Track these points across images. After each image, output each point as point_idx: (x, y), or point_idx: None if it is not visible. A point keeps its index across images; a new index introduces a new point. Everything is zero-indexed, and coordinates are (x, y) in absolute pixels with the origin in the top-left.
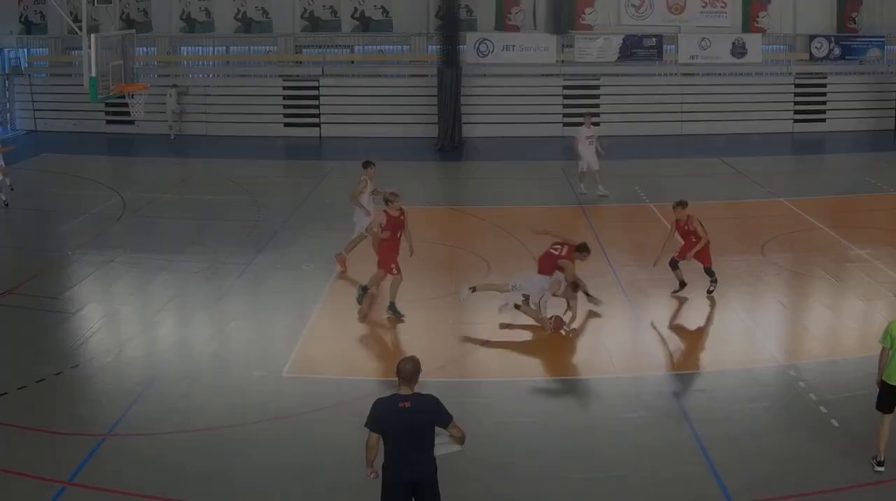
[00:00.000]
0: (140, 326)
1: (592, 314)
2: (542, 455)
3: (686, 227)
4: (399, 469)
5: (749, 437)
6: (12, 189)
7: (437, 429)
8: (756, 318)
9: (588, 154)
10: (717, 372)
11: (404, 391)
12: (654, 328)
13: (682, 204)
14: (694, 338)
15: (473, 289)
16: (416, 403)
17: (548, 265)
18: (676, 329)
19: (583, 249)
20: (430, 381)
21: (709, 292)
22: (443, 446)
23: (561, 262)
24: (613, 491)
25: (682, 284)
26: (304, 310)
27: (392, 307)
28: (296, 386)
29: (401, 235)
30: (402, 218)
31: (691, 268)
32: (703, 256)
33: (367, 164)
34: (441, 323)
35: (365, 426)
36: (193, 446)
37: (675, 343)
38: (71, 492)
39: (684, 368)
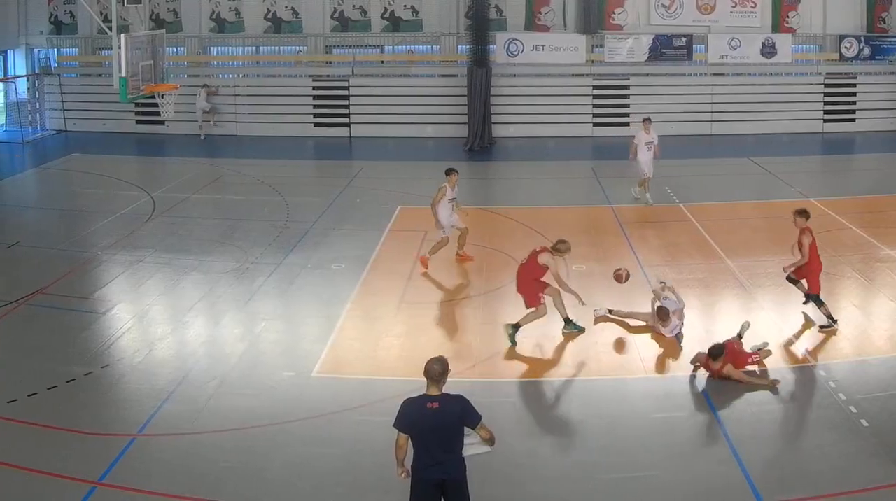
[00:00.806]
0: (170, 326)
1: (624, 315)
2: (572, 454)
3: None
4: (428, 469)
5: (779, 437)
6: None
7: (466, 430)
8: (786, 318)
9: (645, 160)
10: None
11: (432, 392)
12: (684, 328)
13: (800, 212)
14: (722, 337)
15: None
16: (445, 404)
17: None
18: (705, 328)
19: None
20: (459, 381)
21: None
22: (472, 446)
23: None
24: (643, 491)
25: (832, 317)
26: (333, 311)
27: (567, 321)
28: (325, 386)
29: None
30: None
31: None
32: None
33: (449, 171)
34: (470, 323)
35: (393, 426)
36: (223, 446)
37: (704, 342)
38: (101, 492)
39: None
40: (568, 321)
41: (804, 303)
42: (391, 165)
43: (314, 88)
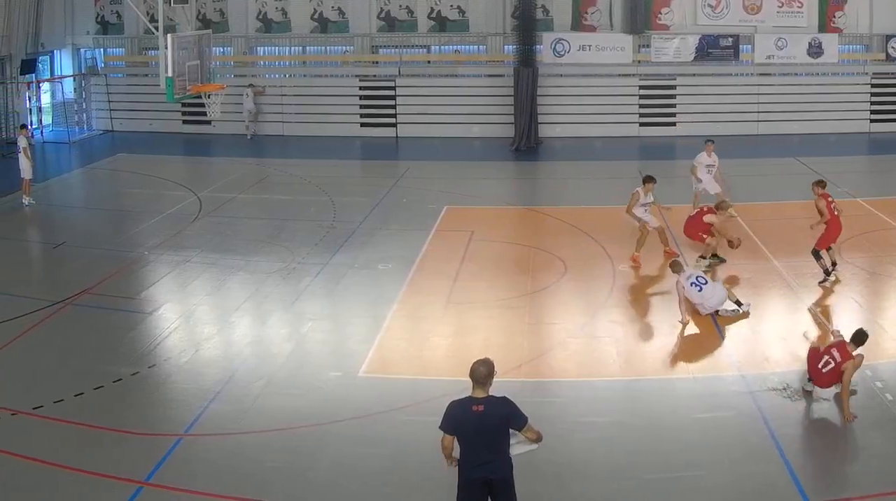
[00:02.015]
0: (216, 326)
1: (670, 315)
2: (618, 454)
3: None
4: (474, 469)
5: (825, 436)
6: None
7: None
8: (832, 318)
9: (707, 180)
10: (792, 372)
11: (478, 394)
12: (730, 328)
13: (817, 183)
14: (769, 338)
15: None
16: (490, 407)
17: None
18: (751, 328)
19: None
20: (506, 381)
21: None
22: (518, 445)
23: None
24: (689, 491)
25: (826, 271)
26: (380, 311)
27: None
28: (372, 386)
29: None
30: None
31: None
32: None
33: (647, 180)
34: (517, 324)
35: (439, 428)
36: (269, 446)
37: (750, 343)
38: (147, 492)
39: (759, 368)
40: (714, 256)
41: (821, 283)
42: (437, 165)
43: (361, 88)
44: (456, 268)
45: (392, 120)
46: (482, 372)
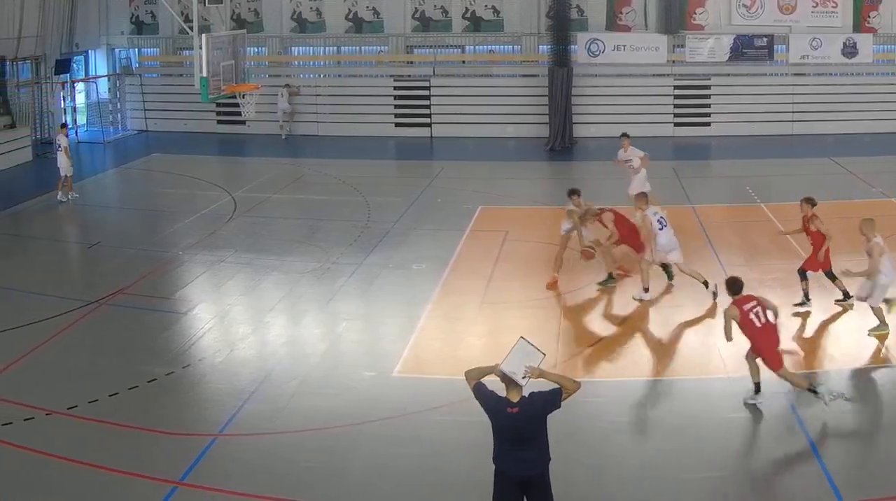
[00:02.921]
0: (251, 326)
1: (705, 315)
2: (654, 454)
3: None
4: (510, 466)
5: (860, 437)
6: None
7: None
8: (867, 318)
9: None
10: (827, 372)
11: (513, 396)
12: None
13: (806, 200)
14: (804, 338)
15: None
16: (525, 407)
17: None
18: (786, 328)
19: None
20: (540, 381)
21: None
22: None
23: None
24: (724, 491)
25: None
26: (414, 311)
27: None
28: (406, 385)
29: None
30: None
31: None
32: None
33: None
34: (551, 323)
35: (472, 390)
36: (303, 446)
37: (786, 343)
38: (182, 492)
39: (793, 367)
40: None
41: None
42: (472, 165)
43: (395, 88)
44: (490, 268)
45: (426, 120)
46: (508, 379)
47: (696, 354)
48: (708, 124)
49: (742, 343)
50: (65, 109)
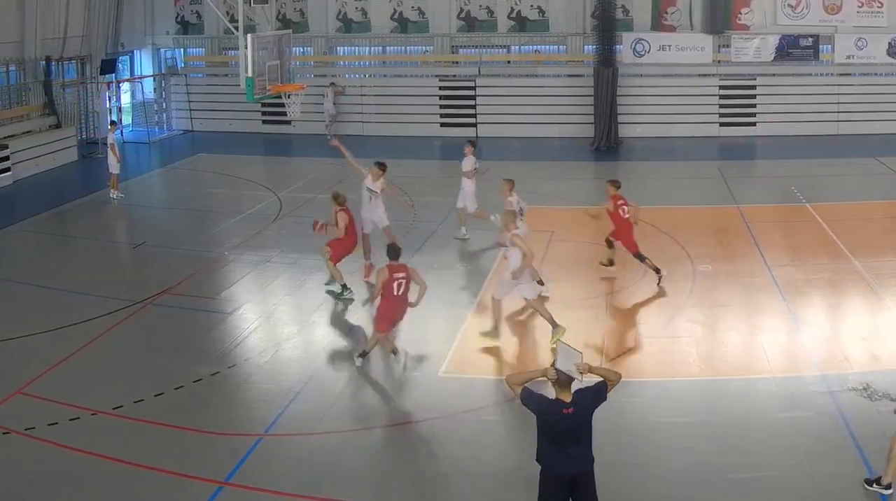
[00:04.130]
0: (296, 326)
1: (750, 315)
2: (698, 454)
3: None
4: (560, 465)
5: None
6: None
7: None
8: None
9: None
10: (872, 372)
11: (565, 397)
12: (810, 328)
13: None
14: (849, 337)
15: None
16: (579, 404)
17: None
18: (831, 328)
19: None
20: (586, 380)
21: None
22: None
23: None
24: (769, 491)
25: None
26: (459, 311)
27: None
28: (451, 385)
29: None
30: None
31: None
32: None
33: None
34: (596, 323)
35: (520, 397)
36: (349, 446)
37: (831, 342)
38: (228, 492)
39: (839, 368)
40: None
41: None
42: (517, 165)
43: (440, 88)
44: (536, 269)
45: (472, 120)
46: (565, 376)
47: (741, 354)
48: (753, 124)
49: (787, 342)
50: (110, 109)
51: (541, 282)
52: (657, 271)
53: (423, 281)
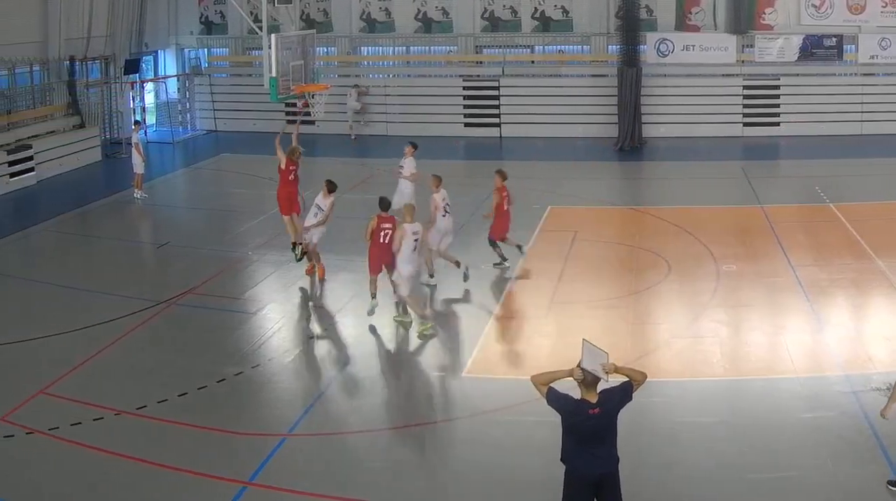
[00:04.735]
0: (320, 326)
1: (774, 315)
2: (722, 454)
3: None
4: (585, 465)
5: None
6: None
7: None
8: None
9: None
10: None
11: (590, 397)
12: (834, 328)
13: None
14: (872, 337)
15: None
16: (605, 403)
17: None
18: (855, 328)
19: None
20: (611, 380)
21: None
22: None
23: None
24: (793, 491)
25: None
26: (483, 311)
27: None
28: (475, 385)
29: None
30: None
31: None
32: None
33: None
34: (621, 323)
35: (545, 397)
36: (373, 446)
37: (855, 342)
38: (251, 493)
39: (863, 368)
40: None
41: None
42: (541, 165)
43: (464, 88)
44: (559, 268)
45: (496, 120)
46: (591, 377)
47: (764, 354)
48: (777, 124)
49: (811, 342)
50: (134, 109)
51: (431, 275)
52: (501, 263)
53: (401, 239)
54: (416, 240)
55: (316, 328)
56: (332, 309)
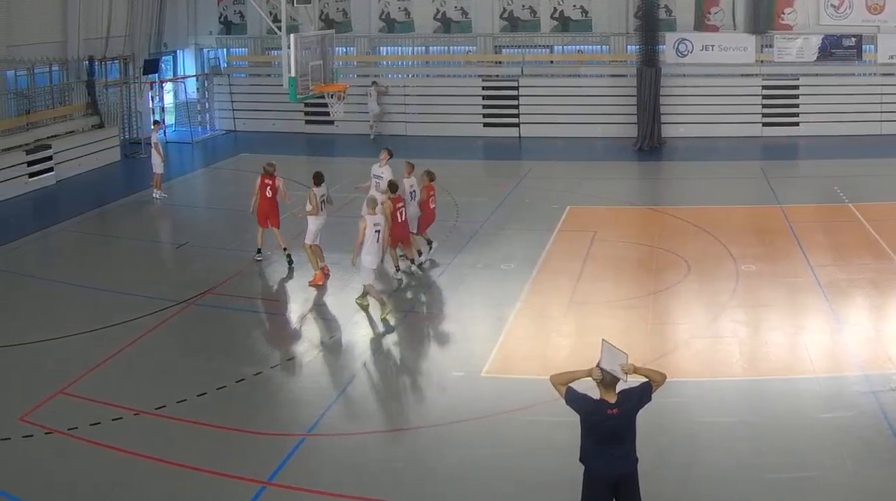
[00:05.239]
0: (339, 326)
1: (793, 315)
2: (741, 454)
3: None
4: (604, 466)
5: None
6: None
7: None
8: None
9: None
10: None
11: (609, 397)
12: (854, 328)
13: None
14: (892, 337)
15: None
16: (623, 404)
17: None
18: (875, 328)
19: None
20: (630, 381)
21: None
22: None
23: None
24: (812, 491)
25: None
26: (503, 311)
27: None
28: (494, 386)
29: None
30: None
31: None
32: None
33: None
34: (640, 323)
35: (564, 397)
36: (391, 446)
37: (874, 342)
38: (270, 493)
39: (882, 368)
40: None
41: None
42: (560, 165)
43: (483, 88)
44: (579, 268)
45: (515, 120)
46: (610, 377)
47: (784, 354)
48: (796, 124)
49: (830, 342)
50: (153, 109)
51: (412, 262)
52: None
53: (364, 230)
54: (377, 232)
55: (333, 328)
56: (350, 309)
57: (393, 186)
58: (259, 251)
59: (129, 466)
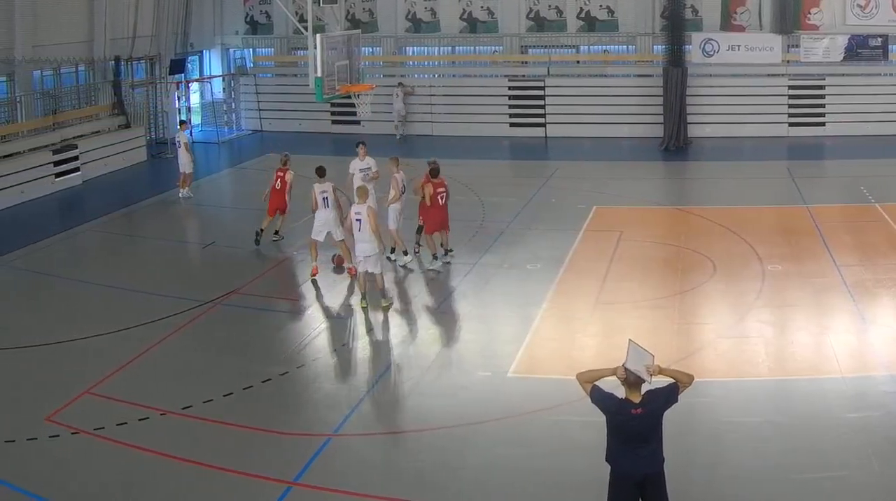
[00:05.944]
0: (364, 326)
1: (819, 315)
2: (767, 454)
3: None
4: (630, 465)
5: None
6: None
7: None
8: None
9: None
10: None
11: (634, 397)
12: (880, 328)
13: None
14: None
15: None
16: (648, 405)
17: None
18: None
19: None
20: (655, 381)
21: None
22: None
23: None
24: (838, 491)
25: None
26: (528, 311)
27: None
28: (521, 386)
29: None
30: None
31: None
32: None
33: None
34: (666, 323)
35: (590, 395)
36: (417, 446)
37: (891, 342)
38: (296, 492)
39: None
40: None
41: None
42: (586, 165)
43: (510, 88)
44: (605, 268)
45: (541, 120)
46: (634, 377)
47: (810, 354)
48: (823, 124)
49: (856, 341)
50: (179, 109)
51: (405, 253)
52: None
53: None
54: (357, 221)
55: (359, 328)
56: (375, 310)
57: (434, 171)
58: (276, 233)
59: (155, 466)
